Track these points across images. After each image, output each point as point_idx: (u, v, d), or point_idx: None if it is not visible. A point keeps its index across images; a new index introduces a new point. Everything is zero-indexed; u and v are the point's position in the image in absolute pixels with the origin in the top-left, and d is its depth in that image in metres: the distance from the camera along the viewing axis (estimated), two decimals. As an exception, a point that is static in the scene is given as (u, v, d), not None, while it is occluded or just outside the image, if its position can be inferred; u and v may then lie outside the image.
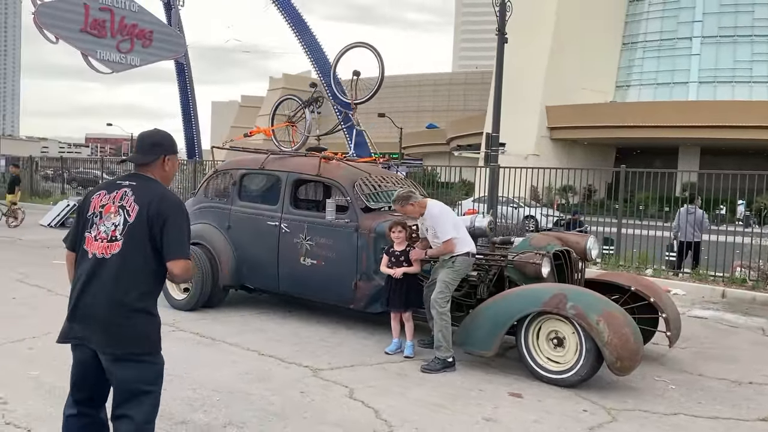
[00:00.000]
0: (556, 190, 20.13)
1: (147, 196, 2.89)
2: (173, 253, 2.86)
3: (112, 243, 2.85)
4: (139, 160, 3.01)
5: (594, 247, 6.13)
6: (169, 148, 3.06)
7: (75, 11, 30.17)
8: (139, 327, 2.85)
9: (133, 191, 2.91)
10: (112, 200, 2.92)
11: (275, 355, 5.64)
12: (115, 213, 2.89)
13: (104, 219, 2.90)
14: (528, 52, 44.43)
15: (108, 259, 2.84)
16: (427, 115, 76.71)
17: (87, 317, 2.83)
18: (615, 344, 4.84)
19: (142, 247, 2.85)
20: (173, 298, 7.30)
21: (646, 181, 12.47)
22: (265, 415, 4.28)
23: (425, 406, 4.59)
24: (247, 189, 7.42)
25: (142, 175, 3.00)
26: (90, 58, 30.90)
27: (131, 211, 2.87)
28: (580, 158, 42.33)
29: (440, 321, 5.44)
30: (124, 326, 2.81)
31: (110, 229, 2.87)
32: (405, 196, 5.72)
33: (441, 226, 5.59)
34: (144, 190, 2.92)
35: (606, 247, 12.61)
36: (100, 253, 2.86)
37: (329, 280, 6.57)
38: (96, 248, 2.88)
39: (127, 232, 2.85)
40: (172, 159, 3.06)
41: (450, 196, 21.32)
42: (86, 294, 2.84)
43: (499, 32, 17.02)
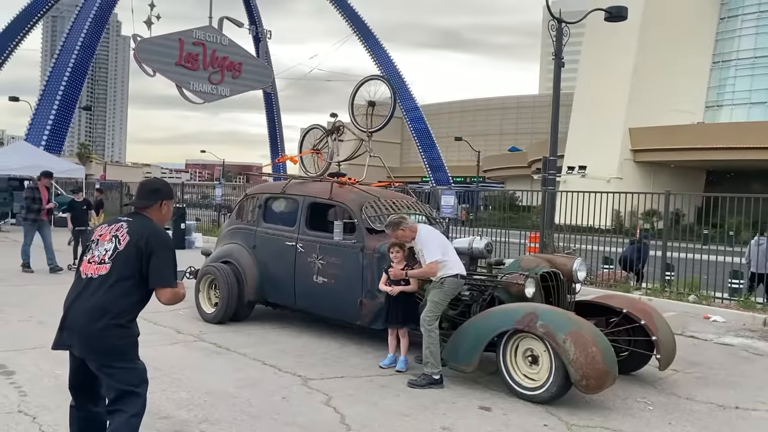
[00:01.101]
0: (641, 215, 19.66)
1: (139, 230, 3.33)
2: (158, 281, 3.29)
3: (100, 265, 3.30)
4: (139, 204, 3.48)
5: (580, 269, 6.26)
6: (166, 194, 3.52)
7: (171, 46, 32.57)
8: (113, 340, 3.23)
9: (128, 225, 3.37)
10: (109, 231, 3.39)
11: (276, 365, 6.11)
12: (108, 241, 3.35)
13: (99, 245, 3.36)
14: (610, 73, 43.66)
15: (94, 279, 3.28)
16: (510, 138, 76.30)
17: (71, 329, 3.28)
18: (581, 363, 5.00)
19: (128, 272, 3.26)
20: (204, 312, 7.97)
21: (737, 206, 11.37)
22: (241, 415, 4.74)
23: (392, 414, 4.92)
24: (271, 211, 8.00)
25: (140, 213, 3.46)
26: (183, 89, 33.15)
27: (122, 240, 3.31)
28: (667, 182, 40.85)
29: (428, 338, 5.75)
30: (100, 339, 3.21)
31: (101, 254, 3.32)
32: (396, 222, 6.10)
33: (427, 249, 5.92)
34: (138, 225, 3.37)
35: (668, 273, 12.40)
36: (90, 274, 3.31)
37: (338, 297, 7.01)
38: (88, 270, 3.33)
39: (115, 257, 3.28)
40: (168, 204, 3.52)
41: (532, 219, 21.16)
42: (72, 308, 3.30)
43: (555, 56, 17.04)
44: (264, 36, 46.31)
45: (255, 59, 38.94)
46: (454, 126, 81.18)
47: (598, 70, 45.19)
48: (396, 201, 7.47)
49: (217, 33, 35.95)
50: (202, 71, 35.28)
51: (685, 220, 25.77)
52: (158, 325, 7.63)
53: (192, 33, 34.64)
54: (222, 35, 36.02)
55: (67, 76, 35.91)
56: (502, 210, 20.74)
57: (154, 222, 3.45)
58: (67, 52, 37.04)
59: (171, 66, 33.44)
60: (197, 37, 34.64)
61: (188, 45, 33.80)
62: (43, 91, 36.44)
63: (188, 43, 33.76)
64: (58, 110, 35.29)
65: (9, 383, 5.24)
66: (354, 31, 54.32)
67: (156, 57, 32.85)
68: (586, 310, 6.35)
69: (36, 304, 8.59)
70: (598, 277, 12.59)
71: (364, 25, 55.60)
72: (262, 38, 46.24)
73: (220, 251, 8.28)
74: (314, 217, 7.48)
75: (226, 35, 36.49)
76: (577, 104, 47.93)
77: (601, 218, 12.64)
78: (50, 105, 35.41)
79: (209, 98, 34.94)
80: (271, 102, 62.44)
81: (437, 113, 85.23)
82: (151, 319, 7.95)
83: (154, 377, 5.49)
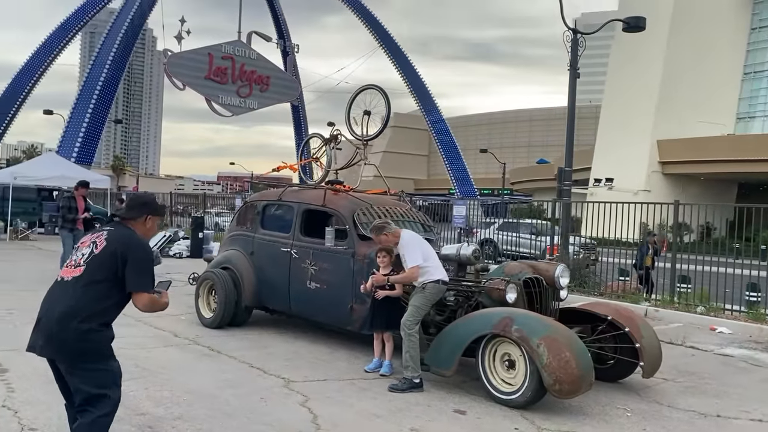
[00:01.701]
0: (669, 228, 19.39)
1: (117, 238, 3.41)
2: (134, 285, 3.35)
3: (75, 268, 3.36)
4: (125, 215, 3.56)
5: (563, 275, 6.25)
6: (153, 210, 3.61)
7: (200, 60, 33.15)
8: (82, 344, 3.24)
9: (108, 233, 3.45)
10: (90, 239, 3.48)
11: (262, 368, 6.23)
12: (86, 246, 3.43)
13: (78, 251, 3.46)
14: (638, 85, 43.26)
15: (68, 281, 3.34)
16: (538, 150, 75.86)
17: (42, 331, 3.30)
18: (554, 367, 5.01)
19: (101, 274, 3.31)
20: (203, 317, 8.14)
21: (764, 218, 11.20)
22: (216, 413, 4.86)
23: (364, 416, 4.99)
24: (268, 218, 8.16)
25: (122, 224, 3.53)
26: (212, 103, 33.68)
27: (99, 245, 3.39)
28: (696, 194, 40.20)
29: (408, 342, 5.80)
30: (67, 341, 3.22)
31: (78, 258, 3.40)
32: (379, 227, 6.20)
33: (409, 254, 6.00)
34: (117, 233, 3.45)
35: (683, 286, 12.27)
36: (65, 277, 3.38)
37: (330, 302, 7.11)
38: (64, 273, 3.41)
39: (91, 261, 3.34)
40: (153, 219, 3.59)
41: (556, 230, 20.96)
42: (45, 310, 3.34)
43: (570, 67, 16.98)
44: (292, 50, 46.77)
45: (282, 73, 39.38)
46: (483, 138, 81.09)
47: (626, 81, 44.84)
48: (389, 208, 7.56)
49: (245, 47, 36.48)
50: (231, 85, 35.72)
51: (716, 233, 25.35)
52: (157, 329, 7.82)
53: (221, 47, 35.18)
54: (251, 49, 36.53)
55: (98, 91, 36.87)
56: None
57: (136, 233, 3.50)
58: (98, 67, 38.06)
59: (200, 80, 33.96)
60: (226, 52, 35.13)
61: (217, 59, 34.28)
62: (75, 105, 37.50)
63: (217, 57, 34.24)
64: (89, 123, 36.24)
65: (0, 380, 5.44)
66: (380, 44, 54.84)
67: (186, 71, 33.41)
68: (573, 317, 6.35)
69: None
70: (608, 288, 12.49)
71: (391, 40, 56.08)
72: (290, 52, 46.71)
73: (220, 257, 8.47)
74: (308, 223, 7.62)
75: (255, 49, 37.01)
76: (605, 116, 47.57)
77: (628, 231, 12.49)
78: (81, 118, 36.40)
79: (237, 111, 35.38)
80: (299, 114, 63.25)
81: (465, 125, 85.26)
82: (151, 323, 8.17)
83: (140, 377, 5.70)
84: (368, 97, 7.93)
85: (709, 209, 12.46)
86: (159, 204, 3.73)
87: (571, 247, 14.25)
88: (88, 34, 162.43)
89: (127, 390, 5.21)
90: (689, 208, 12.04)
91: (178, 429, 4.51)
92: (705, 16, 42.51)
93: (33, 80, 44.80)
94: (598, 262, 14.19)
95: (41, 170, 22.07)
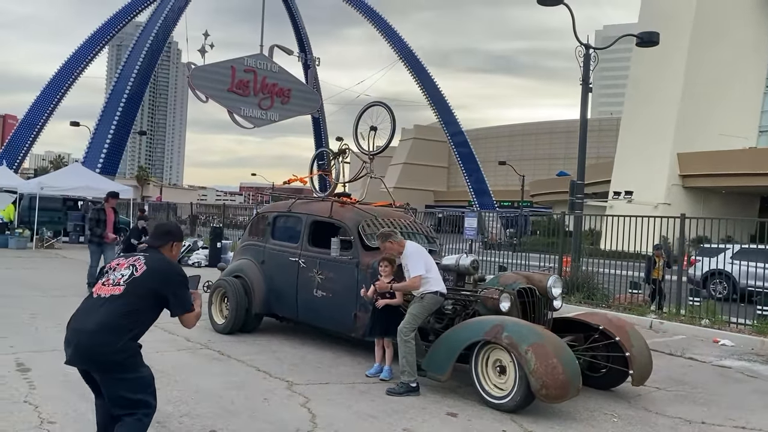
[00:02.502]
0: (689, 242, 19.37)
1: (156, 262, 3.73)
2: (180, 309, 3.68)
3: (114, 287, 3.59)
4: (154, 243, 3.93)
5: (555, 285, 6.50)
6: (177, 236, 4.00)
7: (223, 73, 33.96)
8: (122, 354, 3.46)
9: (145, 258, 3.75)
10: (128, 261, 3.74)
11: (268, 371, 6.55)
12: (126, 268, 3.69)
13: (116, 271, 3.70)
14: (658, 97, 43.16)
15: (107, 298, 3.57)
16: (559, 163, 75.66)
17: (74, 344, 3.50)
18: (540, 373, 5.26)
19: (140, 295, 3.57)
20: (215, 323, 8.50)
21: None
22: (221, 411, 5.19)
23: (361, 416, 5.28)
24: (278, 229, 8.51)
25: (155, 250, 3.89)
26: (234, 115, 34.46)
27: (139, 268, 3.65)
28: (718, 208, 39.95)
29: (404, 348, 6.09)
30: (108, 353, 3.43)
31: (117, 278, 3.64)
32: (386, 234, 6.52)
33: (412, 264, 6.31)
34: (154, 258, 3.78)
35: (695, 299, 12.43)
36: (103, 294, 3.60)
37: (335, 310, 7.43)
38: (100, 290, 3.63)
39: (131, 282, 3.59)
40: (177, 245, 4.01)
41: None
42: (80, 322, 3.54)
43: (582, 82, 17.20)
44: (313, 63, 47.55)
45: (303, 85, 40.08)
46: (503, 150, 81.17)
47: (646, 94, 44.74)
48: (394, 220, 7.87)
49: (267, 60, 37.23)
50: (253, 97, 36.53)
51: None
52: (172, 334, 8.18)
53: (243, 60, 36.00)
54: (272, 62, 37.26)
55: (123, 103, 37.75)
56: (548, 236, 20.73)
57: (169, 259, 3.88)
58: (123, 80, 38.99)
59: (223, 92, 34.81)
60: (248, 65, 35.93)
61: (240, 72, 35.09)
62: (101, 117, 38.43)
63: (240, 70, 35.05)
64: (113, 135, 37.10)
65: (23, 378, 5.83)
66: (400, 58, 55.32)
67: (209, 84, 34.27)
68: (567, 326, 6.59)
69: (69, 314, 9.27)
70: (617, 300, 12.64)
71: (411, 52, 56.52)
72: (311, 65, 47.48)
73: (233, 266, 8.83)
74: (316, 234, 7.95)
75: (277, 62, 37.72)
76: (625, 129, 47.46)
77: (646, 244, 12.50)
78: (107, 130, 37.29)
79: (259, 123, 36.07)
80: (320, 126, 63.88)
81: (485, 137, 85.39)
82: (166, 328, 8.50)
83: (153, 377, 6.04)
84: (375, 113, 8.26)
85: (730, 223, 12.44)
86: (180, 231, 4.16)
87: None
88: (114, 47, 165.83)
89: (139, 389, 5.58)
90: (710, 223, 12.10)
91: (184, 425, 4.84)
92: (726, 29, 42.35)
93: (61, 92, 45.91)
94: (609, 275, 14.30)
95: (67, 180, 22.75)
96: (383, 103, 8.27)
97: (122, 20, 46.64)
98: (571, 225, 16.80)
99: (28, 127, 43.86)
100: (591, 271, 14.07)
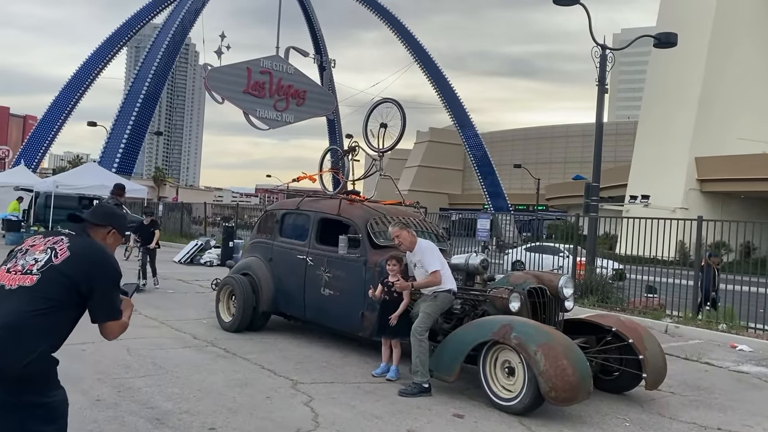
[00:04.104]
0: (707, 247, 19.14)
1: (84, 247, 2.83)
2: (104, 315, 2.80)
3: (24, 276, 2.70)
4: (91, 220, 3.00)
5: (566, 285, 6.34)
6: (119, 225, 3.08)
7: (239, 75, 34.08)
8: (32, 367, 2.56)
9: (70, 239, 2.84)
10: (45, 243, 2.84)
11: (273, 370, 6.45)
12: (41, 251, 2.78)
13: (27, 254, 2.80)
14: (675, 101, 42.68)
15: (13, 290, 2.66)
16: (574, 166, 75.14)
17: None
18: (550, 374, 5.11)
19: (57, 289, 2.68)
20: (222, 321, 8.42)
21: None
22: (221, 409, 5.09)
23: (365, 416, 5.15)
24: (286, 226, 8.42)
25: (85, 232, 2.95)
26: (250, 116, 34.54)
27: (60, 254, 2.75)
28: (737, 213, 39.32)
29: (418, 347, 5.96)
30: (12, 364, 2.52)
31: (28, 263, 2.74)
32: (405, 224, 6.41)
33: (429, 259, 6.19)
34: (81, 241, 2.86)
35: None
36: (8, 285, 2.69)
37: (342, 309, 7.30)
38: (4, 279, 2.72)
39: (47, 271, 2.70)
40: (115, 235, 3.07)
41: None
42: None
43: (599, 83, 16.99)
44: (329, 65, 47.59)
45: (319, 87, 40.15)
46: (518, 154, 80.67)
47: (664, 97, 44.27)
48: (404, 218, 7.73)
49: (283, 62, 37.33)
50: (268, 99, 36.63)
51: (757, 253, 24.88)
52: (177, 331, 8.12)
53: (259, 62, 36.11)
54: (288, 64, 37.35)
55: (140, 103, 37.99)
56: (564, 240, 20.51)
57: (103, 245, 2.95)
58: (140, 81, 39.25)
59: (239, 94, 34.94)
60: (264, 66, 36.03)
61: (255, 74, 35.18)
62: (117, 117, 38.71)
63: (255, 71, 35.14)
64: (130, 135, 37.35)
65: None
66: (416, 59, 55.24)
67: (225, 85, 34.44)
68: (578, 328, 6.43)
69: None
70: (632, 303, 12.42)
71: (427, 55, 56.43)
72: (326, 67, 47.51)
73: (241, 264, 8.75)
74: (324, 232, 7.83)
75: (292, 64, 37.79)
76: (641, 133, 46.99)
77: (665, 249, 12.26)
78: (123, 130, 37.54)
79: (274, 125, 36.11)
80: (334, 128, 63.95)
81: (501, 141, 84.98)
82: (173, 325, 8.49)
83: (155, 374, 5.97)
84: (385, 110, 8.15)
85: (749, 227, 12.22)
86: (126, 221, 3.22)
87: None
88: (133, 48, 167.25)
89: (141, 386, 5.52)
90: (728, 227, 11.95)
91: (184, 421, 4.74)
92: (745, 32, 41.84)
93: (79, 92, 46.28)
94: (626, 279, 14.09)
95: (82, 179, 22.90)
96: (394, 101, 8.15)
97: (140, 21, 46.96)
98: (585, 228, 16.59)
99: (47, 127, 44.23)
100: (605, 274, 13.86)
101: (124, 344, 7.16)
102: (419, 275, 6.33)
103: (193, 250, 18.27)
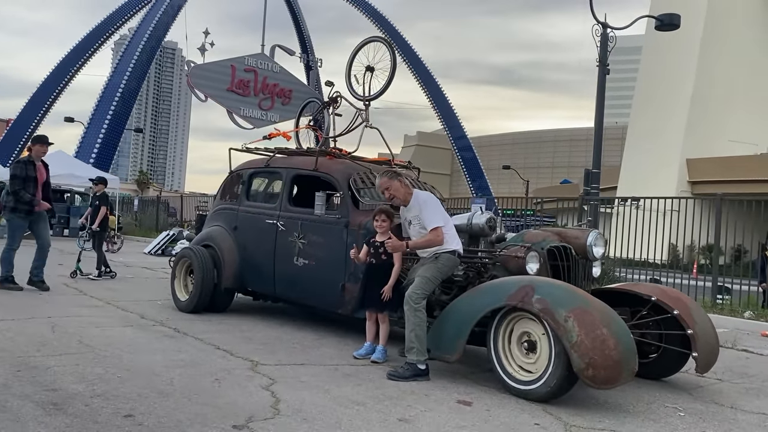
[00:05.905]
0: (699, 249, 18.42)
1: None
2: None
3: None
4: None
5: (597, 243, 5.12)
6: None
7: (223, 72, 32.87)
8: None
9: None
10: None
11: (229, 350, 5.16)
12: None
13: None
14: (666, 103, 41.95)
15: None
16: (562, 171, 74.40)
17: None
18: (586, 347, 3.88)
19: None
20: (178, 300, 7.12)
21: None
22: (149, 392, 3.80)
23: (342, 403, 3.89)
24: (254, 188, 7.17)
25: None
26: (234, 115, 33.30)
27: None
28: (730, 215, 38.60)
29: (413, 318, 4.69)
30: None
31: None
32: (396, 171, 5.18)
33: (429, 214, 4.94)
34: None
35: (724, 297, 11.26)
36: None
37: (319, 281, 6.04)
38: None
39: None
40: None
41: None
42: None
43: (600, 63, 15.89)
44: (315, 64, 46.44)
45: (305, 87, 39.01)
46: (506, 158, 79.70)
47: (655, 99, 43.57)
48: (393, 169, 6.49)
49: (268, 60, 36.19)
50: (253, 97, 35.52)
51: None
52: (124, 311, 6.84)
53: (244, 60, 34.97)
54: (273, 62, 36.22)
55: (117, 99, 36.56)
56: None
57: None
58: (118, 76, 37.84)
59: (222, 92, 33.77)
60: (249, 64, 34.90)
61: (240, 71, 34.05)
62: (94, 112, 37.19)
63: (240, 69, 34.01)
64: (107, 131, 35.87)
65: None
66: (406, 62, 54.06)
67: (208, 83, 33.25)
68: (607, 299, 5.20)
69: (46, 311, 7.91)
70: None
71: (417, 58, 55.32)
72: (313, 66, 46.38)
73: (202, 234, 7.45)
74: (299, 191, 6.62)
75: (278, 63, 36.66)
76: (632, 135, 46.25)
77: (656, 251, 11.89)
78: (99, 126, 36.05)
79: (259, 124, 34.82)
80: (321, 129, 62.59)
81: (489, 145, 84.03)
82: (120, 305, 7.24)
83: (77, 353, 4.68)
84: (371, 51, 6.92)
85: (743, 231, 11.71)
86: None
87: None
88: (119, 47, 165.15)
89: (52, 365, 4.25)
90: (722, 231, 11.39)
91: (92, 407, 3.46)
92: (736, 33, 41.23)
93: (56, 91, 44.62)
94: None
95: (48, 168, 21.37)
96: (382, 38, 6.95)
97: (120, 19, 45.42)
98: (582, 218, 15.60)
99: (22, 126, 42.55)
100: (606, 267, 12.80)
101: (51, 321, 5.89)
102: (415, 235, 5.10)
103: (165, 240, 16.90)
